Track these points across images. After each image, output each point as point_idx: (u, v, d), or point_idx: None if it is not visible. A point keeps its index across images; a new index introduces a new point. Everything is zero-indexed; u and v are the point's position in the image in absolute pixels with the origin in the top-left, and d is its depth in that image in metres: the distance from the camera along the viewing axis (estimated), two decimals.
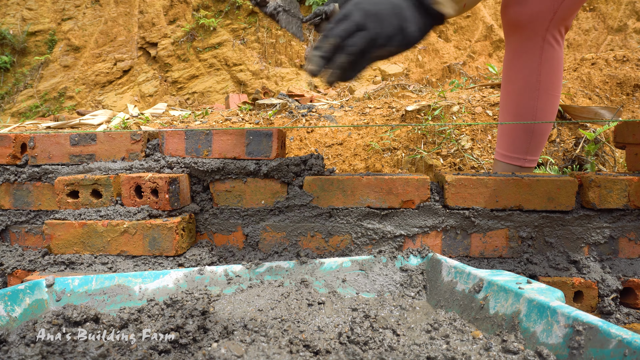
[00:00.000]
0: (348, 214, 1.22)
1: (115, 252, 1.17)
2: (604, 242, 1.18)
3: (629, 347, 0.54)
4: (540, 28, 1.44)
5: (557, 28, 1.45)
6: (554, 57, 1.48)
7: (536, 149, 1.54)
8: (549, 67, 1.48)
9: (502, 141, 1.59)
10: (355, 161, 2.63)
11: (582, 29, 4.80)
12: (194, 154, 1.28)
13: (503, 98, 1.60)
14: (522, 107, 1.51)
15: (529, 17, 1.43)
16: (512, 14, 1.47)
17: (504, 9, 1.53)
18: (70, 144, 1.33)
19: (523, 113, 1.51)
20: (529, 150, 1.53)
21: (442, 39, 4.99)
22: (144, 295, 0.97)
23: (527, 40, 1.47)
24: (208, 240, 1.29)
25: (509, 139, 1.56)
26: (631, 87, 2.88)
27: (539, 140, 1.53)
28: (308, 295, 0.94)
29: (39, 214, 1.36)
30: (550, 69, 1.48)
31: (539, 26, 1.44)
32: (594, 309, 1.12)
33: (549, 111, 1.51)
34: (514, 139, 1.54)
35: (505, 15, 1.52)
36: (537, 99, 1.49)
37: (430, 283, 1.01)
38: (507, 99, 1.57)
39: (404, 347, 0.72)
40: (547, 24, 1.43)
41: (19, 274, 1.23)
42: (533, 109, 1.49)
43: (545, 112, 1.50)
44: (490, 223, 1.20)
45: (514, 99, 1.53)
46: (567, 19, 1.45)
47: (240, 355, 0.61)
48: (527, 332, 0.70)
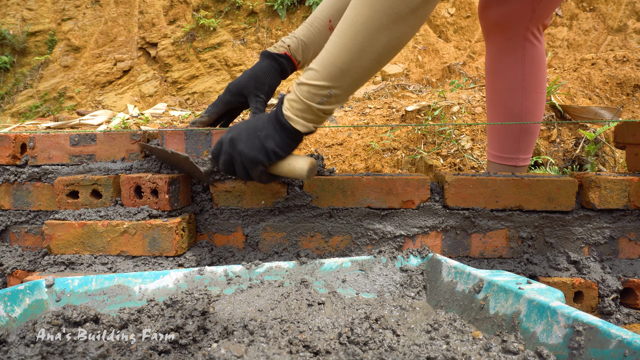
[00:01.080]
0: (348, 214, 1.22)
1: (115, 252, 1.17)
2: (604, 242, 1.18)
3: (629, 347, 0.54)
4: (521, 27, 1.45)
5: (537, 26, 1.46)
6: (537, 54, 1.49)
7: (528, 148, 1.54)
8: (533, 64, 1.48)
9: (493, 143, 1.60)
10: (355, 161, 2.63)
11: (582, 29, 4.80)
12: (194, 154, 1.28)
13: (489, 100, 1.60)
14: (510, 107, 1.51)
15: (509, 16, 1.44)
16: (492, 14, 1.48)
17: (482, 11, 1.53)
18: (70, 144, 1.33)
19: (511, 114, 1.51)
20: (520, 150, 1.54)
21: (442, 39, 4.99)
22: (143, 295, 0.97)
23: (508, 40, 1.48)
24: (208, 241, 1.28)
25: (499, 140, 1.57)
26: (631, 87, 2.88)
27: (530, 138, 1.53)
28: (308, 296, 0.93)
29: (39, 214, 1.35)
30: (534, 66, 1.48)
31: (520, 25, 1.45)
32: (594, 310, 1.12)
33: (536, 109, 1.51)
34: (505, 140, 1.55)
35: (485, 17, 1.52)
36: (523, 98, 1.49)
37: (430, 283, 1.01)
38: (493, 101, 1.58)
39: (404, 347, 0.72)
40: (527, 22, 1.44)
41: (19, 274, 1.22)
42: (520, 108, 1.50)
43: (533, 110, 1.51)
44: (490, 223, 1.20)
45: (501, 100, 1.54)
46: (546, 16, 1.47)
47: (240, 355, 0.61)
48: (527, 333, 0.70)
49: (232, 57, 4.98)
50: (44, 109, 5.04)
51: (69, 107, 5.02)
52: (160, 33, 5.09)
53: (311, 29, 1.33)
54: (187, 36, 5.02)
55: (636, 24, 4.75)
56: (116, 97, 5.07)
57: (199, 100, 4.96)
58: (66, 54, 5.18)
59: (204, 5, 5.09)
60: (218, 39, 5.01)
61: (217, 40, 5.01)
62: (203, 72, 5.02)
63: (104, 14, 5.21)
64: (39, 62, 5.15)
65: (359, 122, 2.89)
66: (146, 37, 5.12)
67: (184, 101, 4.93)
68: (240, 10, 5.06)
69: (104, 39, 5.19)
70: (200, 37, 5.02)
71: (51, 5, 5.28)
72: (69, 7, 5.26)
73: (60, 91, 5.09)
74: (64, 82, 5.12)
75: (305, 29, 1.33)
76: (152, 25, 5.13)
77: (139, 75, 5.11)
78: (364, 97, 3.54)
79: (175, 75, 5.02)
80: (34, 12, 5.26)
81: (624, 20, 4.76)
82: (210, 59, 5.01)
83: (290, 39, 1.31)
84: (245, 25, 5.05)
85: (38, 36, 5.24)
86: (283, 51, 1.29)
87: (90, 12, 5.24)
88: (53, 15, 5.26)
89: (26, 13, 5.25)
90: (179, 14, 5.12)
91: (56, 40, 5.23)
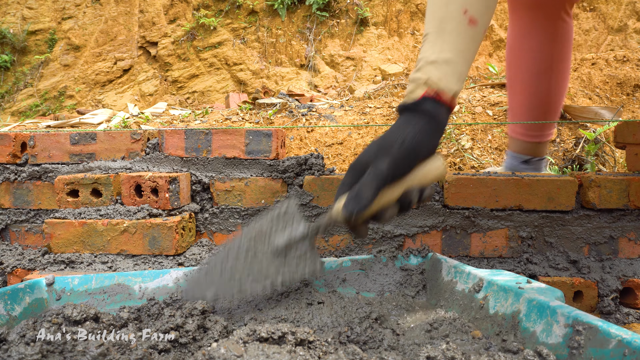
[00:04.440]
0: None
1: (115, 251, 1.17)
2: (603, 242, 1.18)
3: (628, 347, 0.54)
4: (559, 4, 1.41)
5: (571, 2, 1.43)
6: (568, 33, 1.45)
7: (552, 124, 1.54)
8: (563, 43, 1.45)
9: (516, 119, 1.58)
10: None
11: (582, 29, 4.79)
12: (193, 153, 1.28)
13: (513, 78, 1.55)
14: (536, 86, 1.48)
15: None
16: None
17: None
18: (70, 143, 1.33)
19: (537, 92, 1.48)
20: (545, 126, 1.53)
21: None
22: (144, 294, 0.97)
23: (543, 18, 1.43)
24: (208, 240, 1.28)
25: (525, 119, 1.55)
26: (631, 87, 2.88)
27: (554, 116, 1.52)
28: (308, 295, 0.93)
29: (39, 213, 1.35)
30: (565, 45, 1.45)
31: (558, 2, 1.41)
32: (593, 309, 1.12)
33: (562, 87, 1.50)
34: (530, 119, 1.53)
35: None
36: (550, 78, 1.46)
37: (430, 283, 1.01)
38: (517, 80, 1.53)
39: (404, 346, 0.72)
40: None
41: (19, 273, 1.22)
42: (547, 87, 1.47)
43: (559, 89, 1.49)
44: (490, 223, 1.20)
45: (527, 79, 1.50)
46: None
47: (240, 354, 0.61)
48: (527, 332, 0.70)
49: (233, 57, 4.98)
50: (44, 107, 5.04)
51: (69, 106, 5.02)
52: (161, 32, 5.09)
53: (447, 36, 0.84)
54: (188, 35, 5.02)
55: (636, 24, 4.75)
56: (116, 96, 5.07)
57: (199, 100, 4.96)
58: (66, 53, 5.18)
59: (204, 4, 5.09)
60: (218, 38, 5.01)
61: (217, 40, 5.01)
62: (203, 71, 5.02)
63: (104, 12, 5.21)
64: (39, 61, 5.15)
65: (359, 122, 2.89)
66: (146, 36, 5.12)
67: (184, 100, 4.93)
68: (240, 10, 5.05)
69: (104, 38, 5.18)
70: (200, 36, 5.02)
71: (51, 4, 5.28)
72: (69, 6, 5.25)
73: (61, 90, 5.08)
74: (64, 81, 5.11)
75: (438, 38, 0.84)
76: (152, 24, 5.12)
77: (139, 74, 5.11)
78: (364, 97, 3.54)
79: (175, 75, 5.02)
80: (34, 11, 5.25)
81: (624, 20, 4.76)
82: (211, 58, 5.01)
83: (427, 69, 0.82)
84: (245, 25, 5.05)
85: (38, 35, 5.23)
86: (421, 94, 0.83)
87: (90, 11, 5.24)
88: (53, 14, 5.26)
89: (26, 12, 5.25)
90: (179, 13, 5.12)
91: (56, 39, 5.22)
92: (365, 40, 4.82)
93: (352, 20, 4.86)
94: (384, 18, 4.86)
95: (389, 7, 4.85)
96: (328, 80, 4.72)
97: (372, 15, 4.84)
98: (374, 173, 0.75)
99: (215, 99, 4.91)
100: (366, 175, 0.76)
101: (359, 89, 3.95)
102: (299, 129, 2.80)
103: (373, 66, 4.68)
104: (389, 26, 4.85)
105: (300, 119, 2.96)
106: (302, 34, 4.93)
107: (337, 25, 4.88)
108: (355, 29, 4.84)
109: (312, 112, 3.03)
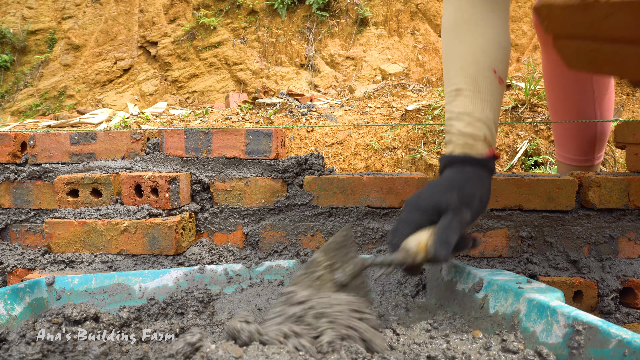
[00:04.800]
0: (348, 213, 1.22)
1: (115, 251, 1.17)
2: (603, 241, 1.18)
3: (628, 346, 0.54)
4: None
5: None
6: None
7: (602, 146, 1.54)
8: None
9: (567, 146, 1.58)
10: (355, 160, 2.63)
11: None
12: (193, 153, 1.28)
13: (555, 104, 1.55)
14: (582, 109, 1.48)
15: None
16: None
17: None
18: (70, 142, 1.33)
19: (584, 116, 1.48)
20: (596, 150, 1.53)
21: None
22: (144, 294, 0.97)
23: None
24: (208, 239, 1.29)
25: (575, 144, 1.55)
26: (631, 87, 2.88)
27: (604, 139, 1.53)
28: None
29: (39, 213, 1.35)
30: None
31: None
32: (593, 309, 1.12)
33: (608, 106, 1.49)
34: (581, 144, 1.54)
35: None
36: (593, 99, 1.46)
37: (430, 282, 1.01)
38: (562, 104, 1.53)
39: (404, 346, 0.72)
40: None
41: (19, 273, 1.22)
42: (593, 109, 1.47)
43: (604, 108, 1.48)
44: (490, 223, 1.20)
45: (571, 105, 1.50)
46: None
47: (239, 356, 0.61)
48: (526, 332, 0.70)
49: (232, 56, 4.98)
50: (44, 107, 5.04)
51: (69, 105, 5.02)
52: (161, 32, 5.09)
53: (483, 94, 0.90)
54: (187, 35, 5.02)
55: None
56: (116, 96, 5.07)
57: (199, 99, 4.96)
58: (66, 53, 5.18)
59: (204, 4, 5.09)
60: (218, 38, 5.01)
61: (217, 39, 5.01)
62: (203, 71, 5.02)
63: (104, 12, 5.21)
64: (39, 60, 5.15)
65: (359, 121, 2.89)
66: (146, 35, 5.12)
67: (184, 100, 4.93)
68: (240, 9, 5.05)
69: (104, 37, 5.18)
70: (200, 36, 5.02)
71: (51, 4, 5.28)
72: (69, 6, 5.25)
73: (61, 90, 5.08)
74: (64, 81, 5.11)
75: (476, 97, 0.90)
76: (152, 24, 5.12)
77: (139, 74, 5.11)
78: (364, 97, 3.54)
79: (175, 74, 5.02)
80: (34, 11, 5.25)
81: None
82: (211, 58, 5.01)
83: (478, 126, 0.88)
84: (245, 24, 5.05)
85: (38, 35, 5.23)
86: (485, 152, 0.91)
87: (90, 10, 5.24)
88: (53, 13, 5.26)
89: (26, 12, 5.25)
90: (179, 12, 5.12)
91: (56, 39, 5.22)
92: (365, 40, 4.82)
93: (352, 20, 4.86)
94: (384, 18, 4.86)
95: (389, 7, 4.85)
96: (328, 80, 4.72)
97: (372, 15, 4.84)
98: (458, 222, 0.81)
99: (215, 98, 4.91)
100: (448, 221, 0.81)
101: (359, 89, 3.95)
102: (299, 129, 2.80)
103: (373, 66, 4.68)
104: (389, 26, 4.85)
105: (300, 118, 2.96)
106: (302, 34, 4.93)
107: (337, 25, 4.88)
108: (355, 29, 4.84)
109: (312, 112, 3.03)
